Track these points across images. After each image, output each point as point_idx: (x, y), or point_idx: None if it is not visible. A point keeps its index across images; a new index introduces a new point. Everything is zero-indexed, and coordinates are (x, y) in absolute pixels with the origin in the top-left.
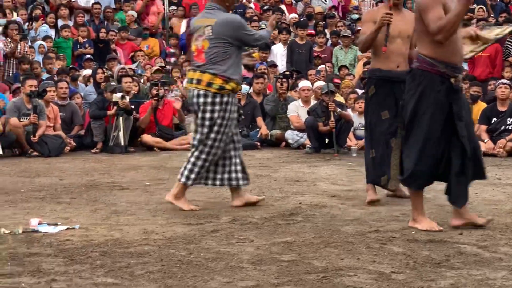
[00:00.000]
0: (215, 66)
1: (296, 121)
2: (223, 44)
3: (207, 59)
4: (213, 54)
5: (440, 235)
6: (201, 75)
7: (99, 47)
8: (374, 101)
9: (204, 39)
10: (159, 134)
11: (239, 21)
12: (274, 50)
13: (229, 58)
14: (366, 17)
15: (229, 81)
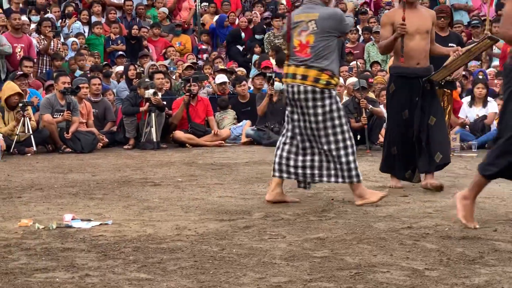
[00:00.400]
0: (320, 60)
1: None
2: (327, 38)
3: (313, 54)
4: (319, 48)
5: (474, 232)
6: (307, 70)
7: (131, 44)
8: (395, 99)
9: (309, 33)
10: (191, 130)
11: (341, 14)
12: None
13: (333, 52)
14: (384, 20)
15: (333, 76)
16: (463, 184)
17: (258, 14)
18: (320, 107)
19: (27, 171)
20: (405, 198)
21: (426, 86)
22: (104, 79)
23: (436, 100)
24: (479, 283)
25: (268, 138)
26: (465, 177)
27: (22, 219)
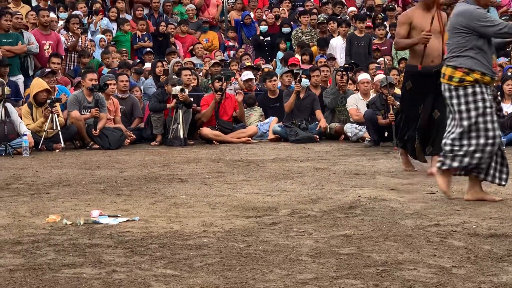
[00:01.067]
0: (455, 58)
1: (355, 114)
2: (459, 35)
3: (449, 51)
4: (453, 45)
5: (502, 230)
6: (445, 69)
7: (159, 41)
8: (412, 95)
9: (446, 31)
10: (219, 127)
11: (475, 12)
12: (333, 43)
13: (470, 49)
14: (402, 19)
15: (470, 72)
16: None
17: (285, 10)
18: (456, 105)
19: (55, 167)
20: (433, 195)
21: (439, 83)
22: (135, 75)
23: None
24: (506, 281)
25: (295, 134)
26: None
27: (50, 215)
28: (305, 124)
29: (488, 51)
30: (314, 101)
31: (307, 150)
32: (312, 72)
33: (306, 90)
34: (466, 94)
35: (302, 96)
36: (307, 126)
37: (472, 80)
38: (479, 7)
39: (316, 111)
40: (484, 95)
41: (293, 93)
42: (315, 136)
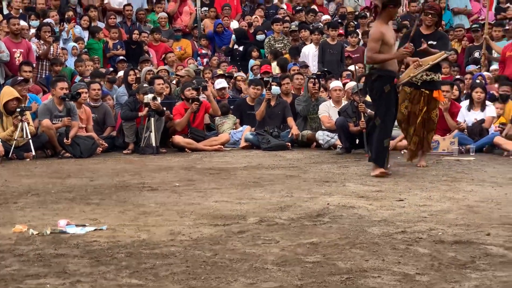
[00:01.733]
0: None
1: (327, 121)
2: None
3: None
4: None
5: (467, 236)
6: None
7: (132, 49)
8: (391, 97)
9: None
10: (191, 135)
11: None
12: (306, 50)
13: None
14: (378, 35)
15: None
16: (459, 188)
17: (258, 18)
18: None
19: (25, 177)
20: (401, 203)
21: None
22: (108, 84)
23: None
24: (469, 287)
25: (267, 142)
26: (461, 181)
27: (17, 225)
28: (277, 131)
29: None
30: (285, 109)
31: (279, 157)
32: (282, 80)
33: (277, 97)
34: None
35: (273, 103)
36: (279, 134)
37: None
38: None
39: (287, 119)
40: None
41: (263, 101)
42: (287, 143)
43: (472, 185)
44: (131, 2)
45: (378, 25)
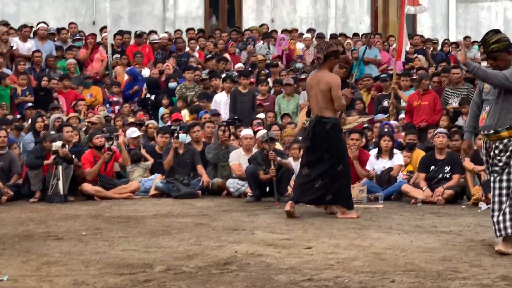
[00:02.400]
0: None
1: (238, 169)
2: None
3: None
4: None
5: (372, 283)
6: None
7: (41, 96)
8: (344, 144)
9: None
10: (101, 184)
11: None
12: (217, 98)
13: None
14: (339, 83)
15: None
16: (366, 236)
17: (170, 66)
18: None
19: None
20: (309, 250)
21: None
22: (15, 132)
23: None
24: None
25: (177, 190)
26: (369, 228)
27: None
28: (187, 179)
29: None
30: (195, 156)
31: (189, 205)
32: (192, 127)
33: (186, 145)
34: None
35: (181, 152)
36: (189, 182)
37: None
38: None
39: (197, 166)
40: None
41: (170, 150)
42: (197, 191)
43: (379, 232)
44: (40, 49)
45: (332, 74)
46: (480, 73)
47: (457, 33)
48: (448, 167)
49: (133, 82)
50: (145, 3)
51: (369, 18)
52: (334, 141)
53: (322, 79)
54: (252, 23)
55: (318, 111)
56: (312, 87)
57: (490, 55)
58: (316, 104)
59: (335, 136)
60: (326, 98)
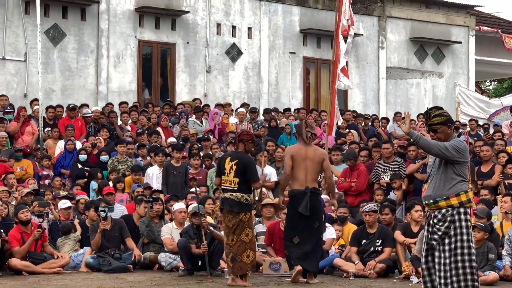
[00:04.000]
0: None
1: (170, 243)
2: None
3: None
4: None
5: None
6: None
7: None
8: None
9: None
10: (29, 259)
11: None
12: (150, 172)
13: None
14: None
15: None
16: None
17: (102, 140)
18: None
19: None
20: None
21: None
22: None
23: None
24: None
25: (108, 264)
26: None
27: None
28: (118, 253)
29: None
30: (122, 229)
31: (120, 280)
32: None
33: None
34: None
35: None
36: (120, 256)
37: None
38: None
39: (126, 240)
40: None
41: (98, 231)
42: (128, 265)
43: None
44: None
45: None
46: (422, 142)
47: (387, 109)
48: (380, 240)
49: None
50: (78, 76)
51: (302, 94)
52: (322, 212)
53: (314, 152)
54: (185, 97)
55: (310, 183)
56: (303, 160)
57: (431, 127)
58: (305, 176)
59: (322, 207)
60: (317, 171)
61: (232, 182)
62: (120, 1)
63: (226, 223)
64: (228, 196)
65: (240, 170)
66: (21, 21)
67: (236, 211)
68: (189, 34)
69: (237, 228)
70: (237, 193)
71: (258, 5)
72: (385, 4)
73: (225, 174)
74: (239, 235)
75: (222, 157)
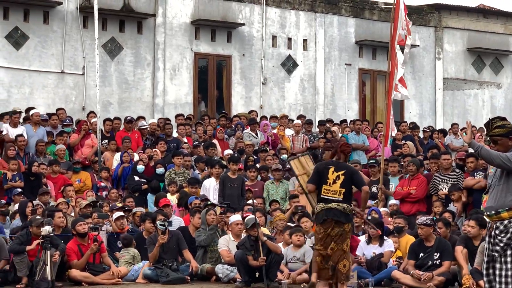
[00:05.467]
0: None
1: (227, 255)
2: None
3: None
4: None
5: None
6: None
7: (30, 180)
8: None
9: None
10: (88, 269)
11: None
12: (206, 184)
13: None
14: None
15: None
16: None
17: (158, 152)
18: None
19: None
20: None
21: None
22: (1, 217)
23: None
24: None
25: (166, 275)
26: None
27: None
28: (176, 265)
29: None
30: (179, 241)
31: None
32: None
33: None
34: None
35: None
36: (178, 267)
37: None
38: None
39: (183, 251)
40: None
41: (156, 245)
42: (186, 277)
43: None
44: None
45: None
46: (484, 152)
47: (444, 120)
48: (437, 253)
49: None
50: (135, 89)
51: (357, 105)
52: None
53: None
54: (241, 109)
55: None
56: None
57: (491, 138)
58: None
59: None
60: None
61: (337, 192)
62: (176, 14)
63: (327, 231)
64: (334, 207)
65: (347, 180)
66: (80, 35)
67: (343, 221)
68: (244, 47)
69: (340, 237)
70: (343, 203)
71: (314, 17)
72: (441, 14)
73: (327, 184)
74: (341, 244)
75: (324, 165)
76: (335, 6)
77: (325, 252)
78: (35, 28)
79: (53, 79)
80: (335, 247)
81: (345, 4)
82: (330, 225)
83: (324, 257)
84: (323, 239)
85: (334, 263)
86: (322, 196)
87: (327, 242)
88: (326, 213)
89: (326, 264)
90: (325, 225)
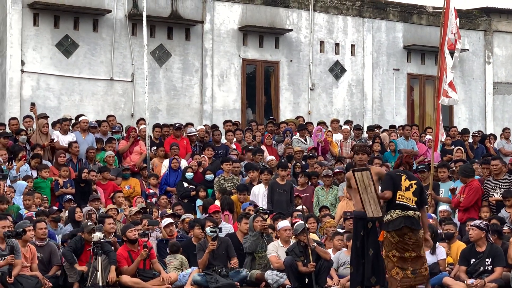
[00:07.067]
0: None
1: (276, 261)
2: None
3: None
4: None
5: None
6: None
7: (81, 187)
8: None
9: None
10: (139, 275)
11: None
12: (255, 190)
13: None
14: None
15: None
16: None
17: (206, 158)
18: None
19: None
20: None
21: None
22: (53, 223)
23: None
24: None
25: (215, 281)
26: None
27: None
28: (225, 271)
29: None
30: (228, 247)
31: None
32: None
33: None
34: None
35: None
36: (227, 273)
37: None
38: None
39: (232, 258)
40: None
41: (206, 251)
42: (235, 283)
43: None
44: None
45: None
46: None
47: (495, 125)
48: (489, 259)
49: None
50: (183, 96)
51: (406, 110)
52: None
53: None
54: (289, 115)
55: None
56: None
57: None
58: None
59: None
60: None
61: (410, 200)
62: (224, 20)
63: (403, 238)
64: (411, 215)
65: (418, 190)
66: (128, 43)
67: (418, 229)
68: (292, 52)
69: (417, 246)
70: (416, 211)
71: (361, 22)
72: (491, 18)
73: (401, 190)
74: (418, 251)
75: (396, 173)
76: (383, 11)
77: (399, 255)
78: (85, 36)
79: (102, 86)
80: (413, 255)
81: (393, 9)
82: (406, 232)
83: (401, 268)
84: (398, 245)
85: (414, 269)
86: (398, 202)
87: (404, 248)
88: (404, 221)
89: (403, 272)
90: (400, 231)
